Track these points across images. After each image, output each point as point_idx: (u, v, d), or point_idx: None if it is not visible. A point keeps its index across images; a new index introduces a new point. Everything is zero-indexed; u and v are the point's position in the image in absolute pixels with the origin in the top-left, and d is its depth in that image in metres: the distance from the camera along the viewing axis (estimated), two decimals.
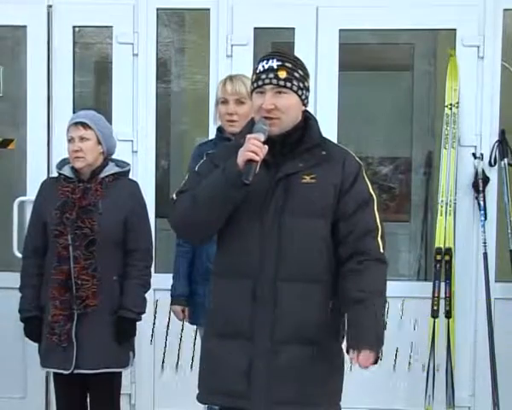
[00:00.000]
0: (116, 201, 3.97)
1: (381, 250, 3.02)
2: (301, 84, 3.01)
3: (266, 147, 2.92)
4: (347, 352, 2.98)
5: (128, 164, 4.17)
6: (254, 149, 2.89)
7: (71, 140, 3.98)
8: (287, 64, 2.99)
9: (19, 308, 4.06)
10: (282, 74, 2.97)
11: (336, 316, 3.04)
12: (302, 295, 2.99)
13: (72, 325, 3.90)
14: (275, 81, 2.97)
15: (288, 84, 2.98)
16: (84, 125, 3.97)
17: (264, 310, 2.98)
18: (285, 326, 2.98)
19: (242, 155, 2.90)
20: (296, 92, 2.99)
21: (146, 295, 4.06)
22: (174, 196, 3.10)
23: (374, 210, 3.04)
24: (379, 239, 3.02)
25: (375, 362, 2.97)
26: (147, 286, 4.05)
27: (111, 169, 4.03)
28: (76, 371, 3.94)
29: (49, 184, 4.12)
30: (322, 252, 3.01)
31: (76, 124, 3.98)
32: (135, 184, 4.14)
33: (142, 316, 4.09)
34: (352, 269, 2.98)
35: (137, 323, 4.06)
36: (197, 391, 3.18)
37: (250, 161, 2.89)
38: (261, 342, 2.99)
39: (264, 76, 2.99)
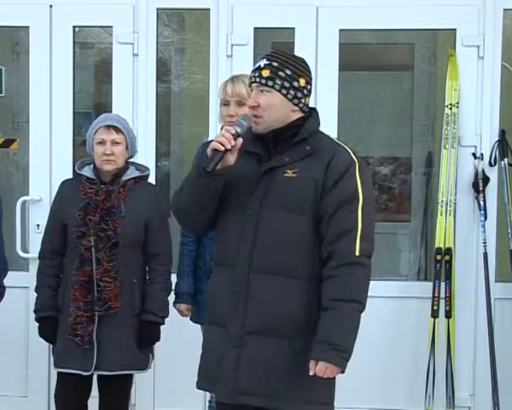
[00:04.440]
0: (137, 204, 3.97)
1: (357, 253, 2.94)
2: (286, 84, 3.03)
3: (240, 140, 2.99)
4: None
5: (148, 168, 4.17)
6: (221, 139, 2.97)
7: (102, 143, 3.95)
8: (273, 63, 3.04)
9: (34, 308, 4.06)
10: (265, 73, 3.03)
11: (316, 314, 2.98)
12: (275, 288, 3.00)
13: (94, 326, 3.90)
14: (258, 79, 3.05)
15: (270, 83, 3.02)
16: (117, 129, 3.97)
17: (238, 300, 3.02)
18: (255, 318, 3.00)
19: (210, 145, 3.00)
20: (279, 91, 3.02)
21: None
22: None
23: (357, 210, 2.97)
24: (357, 241, 2.95)
25: (342, 372, 2.95)
26: (169, 290, 4.07)
27: (132, 173, 4.04)
28: (96, 373, 3.96)
29: (69, 186, 4.09)
30: (301, 248, 3.00)
31: (108, 127, 3.97)
32: (155, 189, 4.18)
33: None
34: (326, 275, 2.97)
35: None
36: (197, 391, 3.23)
37: (215, 151, 2.97)
38: (233, 331, 3.02)
39: (251, 74, 3.09)
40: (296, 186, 3.01)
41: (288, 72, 3.04)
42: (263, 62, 3.05)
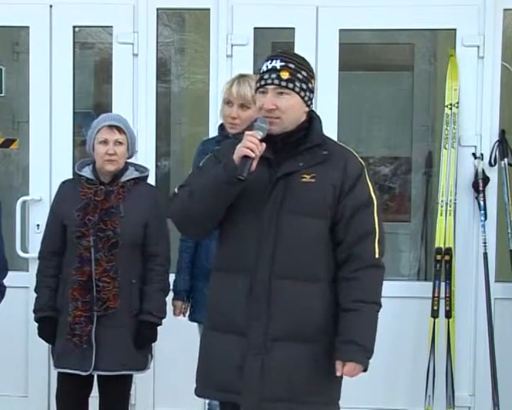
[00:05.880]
0: (137, 205, 3.97)
1: (377, 256, 3.01)
2: (304, 86, 3.02)
3: (264, 145, 2.94)
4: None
5: (147, 169, 4.16)
6: (250, 145, 2.91)
7: (105, 142, 3.95)
8: (290, 65, 3.00)
9: (33, 309, 4.07)
10: (285, 75, 2.99)
11: (335, 316, 3.02)
12: (297, 293, 2.99)
13: (93, 326, 3.91)
14: (277, 81, 2.99)
15: (290, 85, 2.99)
16: (119, 130, 3.97)
17: (259, 307, 3.00)
18: (278, 324, 2.99)
19: (238, 151, 2.93)
20: (298, 93, 3.01)
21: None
22: (176, 190, 3.14)
23: (373, 213, 3.03)
24: (376, 244, 3.00)
25: (365, 370, 2.98)
26: (167, 291, 4.06)
27: (131, 174, 4.04)
28: (94, 373, 3.97)
29: (68, 186, 4.09)
30: (320, 251, 3.01)
31: (111, 127, 3.96)
32: (154, 190, 4.19)
33: None
34: (345, 277, 2.99)
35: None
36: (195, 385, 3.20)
37: (246, 157, 2.91)
38: (254, 339, 3.00)
39: (266, 76, 3.01)
40: (315, 191, 3.00)
41: (304, 73, 3.03)
42: (278, 64, 3.00)
